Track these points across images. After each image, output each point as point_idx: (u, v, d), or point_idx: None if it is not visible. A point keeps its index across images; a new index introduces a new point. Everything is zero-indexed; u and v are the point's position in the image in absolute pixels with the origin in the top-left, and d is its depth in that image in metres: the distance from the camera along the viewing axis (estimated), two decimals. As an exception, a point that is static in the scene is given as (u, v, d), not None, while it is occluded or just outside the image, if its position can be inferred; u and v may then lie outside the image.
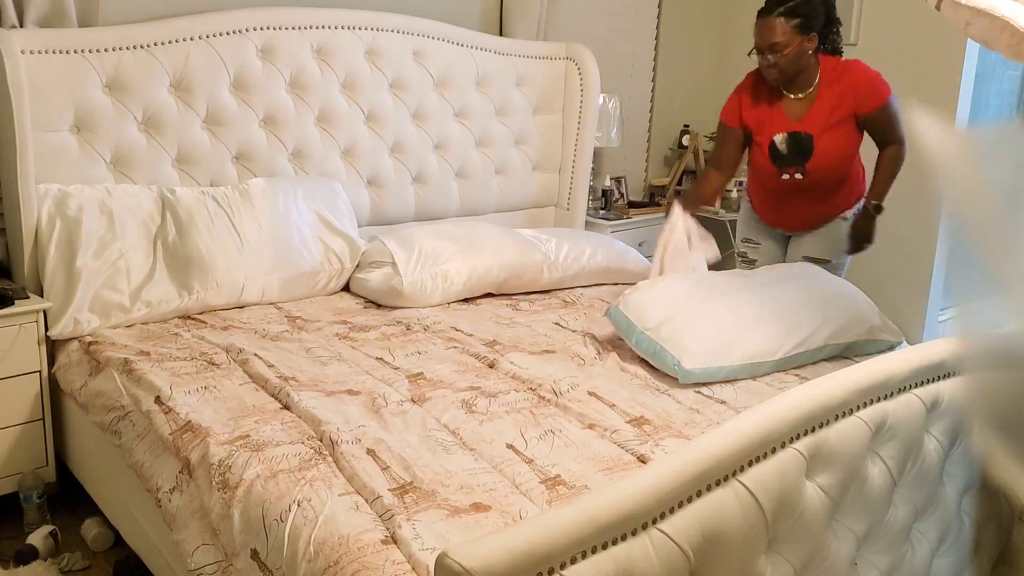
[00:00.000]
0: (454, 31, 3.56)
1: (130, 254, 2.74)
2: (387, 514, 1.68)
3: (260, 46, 3.09)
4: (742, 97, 3.06)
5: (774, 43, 2.82)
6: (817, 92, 2.93)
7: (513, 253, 3.20)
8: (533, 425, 2.09)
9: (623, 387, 2.36)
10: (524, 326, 2.85)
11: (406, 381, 2.32)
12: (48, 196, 2.70)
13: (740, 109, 3.06)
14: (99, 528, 2.56)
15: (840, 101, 2.88)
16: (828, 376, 1.59)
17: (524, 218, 3.87)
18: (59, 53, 2.71)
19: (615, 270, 3.39)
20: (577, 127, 3.87)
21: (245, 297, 2.88)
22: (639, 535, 1.21)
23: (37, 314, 2.59)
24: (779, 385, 2.40)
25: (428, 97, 3.51)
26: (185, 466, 1.98)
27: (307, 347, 2.55)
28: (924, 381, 1.68)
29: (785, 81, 2.93)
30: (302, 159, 3.25)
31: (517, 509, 1.73)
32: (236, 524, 1.78)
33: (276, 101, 3.15)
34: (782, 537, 1.42)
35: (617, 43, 4.28)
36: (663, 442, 2.03)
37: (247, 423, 2.05)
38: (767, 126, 2.99)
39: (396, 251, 3.03)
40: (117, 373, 2.36)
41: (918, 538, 1.73)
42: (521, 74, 3.75)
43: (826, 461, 1.47)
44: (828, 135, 2.89)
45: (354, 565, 1.55)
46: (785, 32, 2.81)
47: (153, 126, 2.92)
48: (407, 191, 3.52)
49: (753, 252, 3.30)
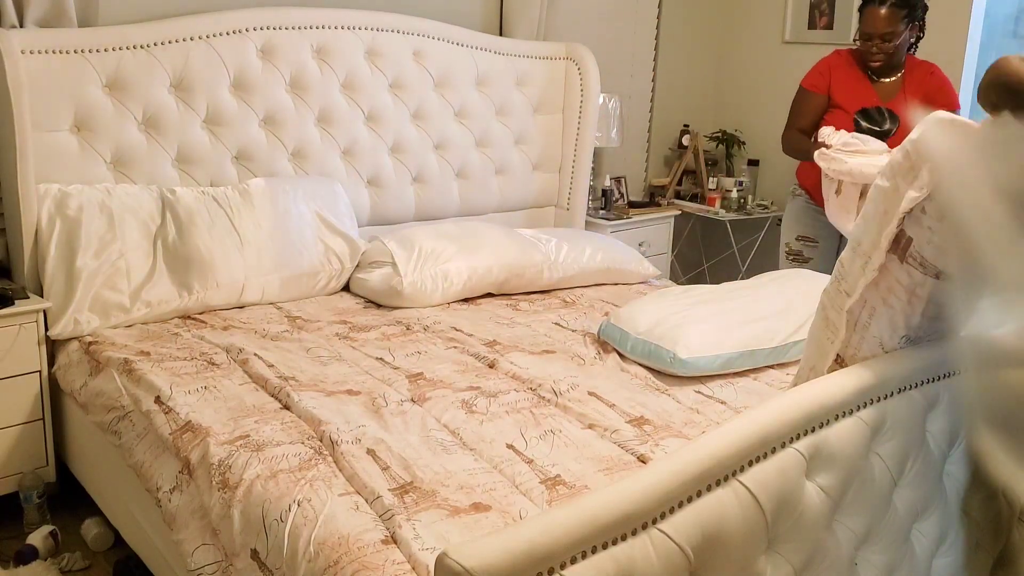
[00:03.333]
0: (454, 31, 3.56)
1: (130, 254, 2.74)
2: (387, 514, 1.68)
3: (260, 46, 3.09)
4: (833, 71, 3.24)
5: (886, 32, 3.03)
6: (904, 81, 3.14)
7: (513, 253, 3.20)
8: (533, 425, 2.09)
9: (623, 387, 2.36)
10: (524, 326, 2.85)
11: (406, 381, 2.32)
12: (48, 196, 2.70)
13: (830, 80, 3.24)
14: (99, 528, 2.56)
15: (926, 98, 3.06)
16: (828, 376, 1.59)
17: (524, 218, 3.87)
18: (59, 53, 2.71)
19: (615, 270, 3.39)
20: (577, 127, 3.87)
21: (245, 297, 2.88)
22: (639, 535, 1.21)
23: (37, 314, 2.59)
24: (779, 385, 2.40)
25: (428, 97, 3.51)
26: (185, 466, 1.98)
27: (307, 347, 2.55)
28: (924, 381, 1.68)
29: (886, 67, 3.13)
30: (302, 159, 3.25)
31: (517, 509, 1.73)
32: (236, 524, 1.78)
33: (276, 101, 3.15)
34: (782, 537, 1.42)
35: (617, 43, 4.28)
36: (663, 442, 2.03)
37: (247, 423, 2.05)
38: (858, 100, 3.15)
39: (396, 251, 3.03)
40: (117, 373, 2.36)
41: (918, 538, 1.73)
42: (521, 74, 3.75)
43: (826, 461, 1.47)
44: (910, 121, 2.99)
45: (354, 565, 1.55)
46: (895, 22, 3.02)
47: (153, 126, 2.92)
48: (407, 191, 3.52)
49: (810, 250, 3.35)
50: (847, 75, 3.23)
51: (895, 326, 1.61)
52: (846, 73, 3.23)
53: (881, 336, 1.62)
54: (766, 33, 4.48)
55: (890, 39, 3.05)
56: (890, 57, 3.10)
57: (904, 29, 3.06)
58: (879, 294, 1.57)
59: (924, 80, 3.14)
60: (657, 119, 4.59)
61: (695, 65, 4.66)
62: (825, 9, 4.21)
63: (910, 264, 1.53)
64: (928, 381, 1.69)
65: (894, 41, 3.06)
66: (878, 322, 1.60)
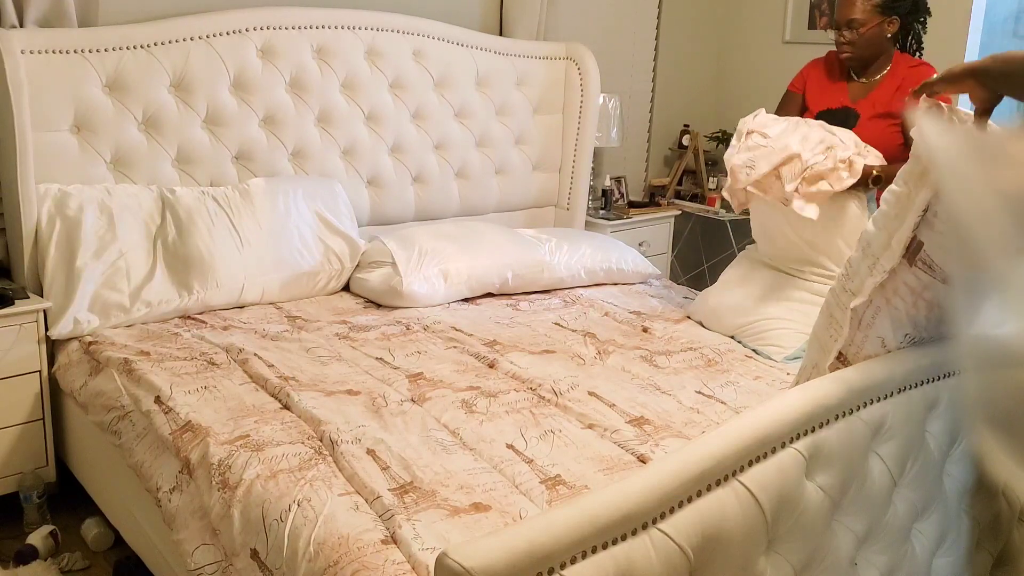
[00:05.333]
0: (454, 31, 3.56)
1: (130, 254, 2.74)
2: (387, 514, 1.68)
3: (260, 46, 3.09)
4: (814, 68, 3.04)
5: (852, 19, 2.75)
6: (881, 81, 2.85)
7: (513, 253, 3.20)
8: (533, 425, 2.09)
9: (623, 387, 2.36)
10: (524, 326, 2.85)
11: (406, 381, 2.32)
12: (48, 196, 2.70)
13: (806, 78, 3.04)
14: (99, 528, 2.56)
15: (897, 98, 2.78)
16: (828, 376, 1.59)
17: (524, 218, 3.87)
18: (59, 53, 2.71)
19: (615, 270, 3.39)
20: (577, 127, 3.87)
21: (245, 297, 2.88)
22: (639, 535, 1.21)
23: (37, 314, 2.59)
24: (779, 385, 2.40)
25: (428, 97, 3.51)
26: (185, 466, 1.98)
27: (307, 347, 2.55)
28: (924, 381, 1.68)
29: (857, 63, 2.85)
30: (302, 159, 3.25)
31: (517, 509, 1.73)
32: (236, 524, 1.78)
33: (276, 101, 3.15)
34: (782, 537, 1.42)
35: (617, 43, 4.28)
36: (663, 442, 2.03)
37: (247, 423, 2.05)
38: (823, 98, 2.95)
39: (396, 251, 3.03)
40: (117, 373, 2.36)
41: (918, 538, 1.73)
42: (521, 74, 3.75)
43: (826, 461, 1.47)
44: (873, 122, 2.82)
45: (354, 565, 1.55)
46: (865, 10, 2.74)
47: (153, 126, 2.92)
48: (407, 191, 3.52)
49: None
50: (824, 72, 3.01)
51: (898, 326, 1.61)
52: (824, 71, 3.02)
53: (884, 335, 1.62)
54: (766, 33, 4.48)
55: (857, 27, 2.75)
56: (859, 51, 2.80)
57: (878, 21, 2.75)
58: (884, 295, 1.57)
59: (903, 81, 2.81)
60: (657, 119, 4.59)
61: (695, 65, 4.66)
62: (825, 9, 4.21)
63: (919, 268, 1.53)
64: (928, 381, 1.69)
65: (861, 30, 2.75)
66: (882, 321, 1.60)
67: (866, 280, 1.59)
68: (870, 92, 2.88)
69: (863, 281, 1.59)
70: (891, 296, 1.57)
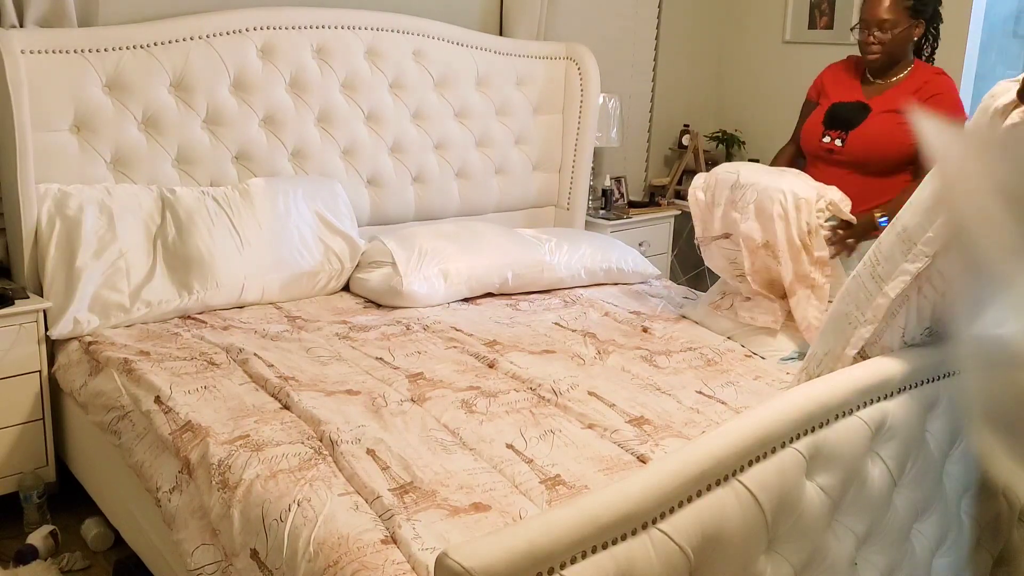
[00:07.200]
0: (454, 31, 3.56)
1: (130, 254, 2.73)
2: (387, 514, 1.68)
3: (260, 46, 3.09)
4: (831, 73, 3.01)
5: (884, 20, 2.73)
6: (898, 83, 2.83)
7: (513, 253, 3.20)
8: (533, 425, 2.09)
9: (623, 387, 2.36)
10: (524, 326, 2.84)
11: (406, 381, 2.32)
12: (48, 196, 2.70)
13: (823, 83, 3.01)
14: (99, 528, 2.56)
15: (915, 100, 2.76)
16: (828, 376, 1.59)
17: (524, 218, 3.86)
18: (59, 53, 2.71)
19: (615, 270, 3.39)
20: (577, 127, 3.87)
21: (245, 297, 2.88)
22: (639, 535, 1.21)
23: (37, 314, 2.59)
24: (779, 385, 2.40)
25: (428, 97, 3.51)
26: (185, 466, 1.98)
27: (307, 347, 2.55)
28: (924, 381, 1.68)
29: (883, 64, 2.83)
30: (302, 159, 3.24)
31: (517, 509, 1.73)
32: (236, 524, 1.78)
33: (276, 101, 3.15)
34: (782, 537, 1.42)
35: (617, 43, 4.28)
36: (663, 442, 2.03)
37: (247, 423, 2.05)
38: (838, 91, 2.93)
39: (396, 251, 3.03)
40: (117, 373, 2.36)
41: (918, 538, 1.73)
42: (521, 74, 3.75)
43: (826, 461, 1.47)
44: (884, 116, 2.79)
45: (354, 565, 1.55)
46: (896, 10, 2.73)
47: (153, 126, 2.92)
48: (407, 191, 3.52)
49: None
50: (841, 70, 3.00)
51: (923, 317, 1.59)
52: (841, 70, 3.00)
53: (906, 326, 1.59)
54: (766, 33, 4.48)
55: (888, 28, 2.72)
56: (888, 53, 2.77)
57: (907, 23, 2.74)
58: (916, 283, 1.52)
59: (922, 85, 2.79)
60: (657, 119, 4.59)
61: (695, 65, 4.66)
62: (825, 9, 4.21)
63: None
64: (928, 381, 1.70)
65: (892, 31, 2.73)
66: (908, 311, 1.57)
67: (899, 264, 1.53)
68: (885, 91, 2.86)
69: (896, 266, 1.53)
70: (923, 284, 1.53)
